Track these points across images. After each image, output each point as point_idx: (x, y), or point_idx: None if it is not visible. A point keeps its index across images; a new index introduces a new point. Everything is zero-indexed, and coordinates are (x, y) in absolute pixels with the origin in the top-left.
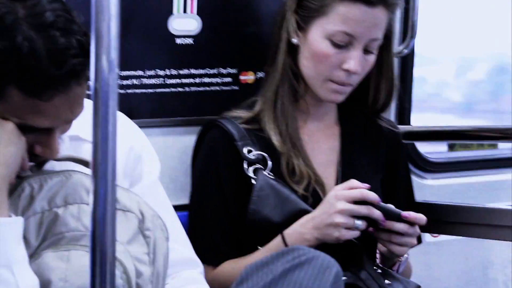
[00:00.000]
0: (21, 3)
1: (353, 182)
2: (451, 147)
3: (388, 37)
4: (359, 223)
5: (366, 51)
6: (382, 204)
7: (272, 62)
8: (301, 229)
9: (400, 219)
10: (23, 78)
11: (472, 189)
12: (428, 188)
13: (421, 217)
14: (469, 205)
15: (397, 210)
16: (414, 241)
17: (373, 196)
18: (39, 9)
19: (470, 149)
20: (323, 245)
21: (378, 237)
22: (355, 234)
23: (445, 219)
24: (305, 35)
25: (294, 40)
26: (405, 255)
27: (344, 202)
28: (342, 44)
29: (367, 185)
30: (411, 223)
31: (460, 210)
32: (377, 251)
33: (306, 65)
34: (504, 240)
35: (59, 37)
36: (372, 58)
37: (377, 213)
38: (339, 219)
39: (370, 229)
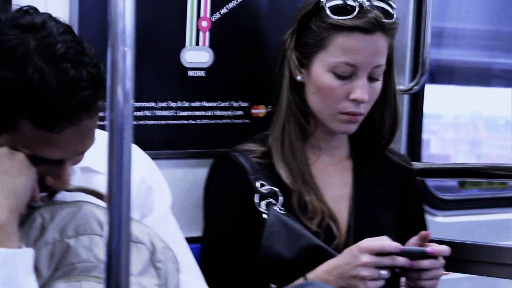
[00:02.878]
0: (33, 35)
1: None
2: (462, 185)
3: (389, 62)
4: (384, 273)
5: (372, 78)
6: (404, 248)
7: (277, 101)
8: (326, 276)
9: (425, 255)
10: (33, 110)
11: (483, 227)
12: (438, 225)
13: (445, 249)
14: (479, 243)
15: (420, 248)
16: (442, 272)
17: (393, 246)
18: (51, 41)
19: (480, 187)
20: None
21: (407, 277)
22: (380, 284)
23: (456, 256)
24: (308, 71)
25: (298, 78)
26: None
27: (368, 255)
28: (346, 75)
29: (397, 244)
30: (435, 256)
31: (471, 248)
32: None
33: (313, 100)
34: None
35: (70, 69)
36: (378, 85)
37: (401, 261)
38: (365, 272)
39: (397, 270)
